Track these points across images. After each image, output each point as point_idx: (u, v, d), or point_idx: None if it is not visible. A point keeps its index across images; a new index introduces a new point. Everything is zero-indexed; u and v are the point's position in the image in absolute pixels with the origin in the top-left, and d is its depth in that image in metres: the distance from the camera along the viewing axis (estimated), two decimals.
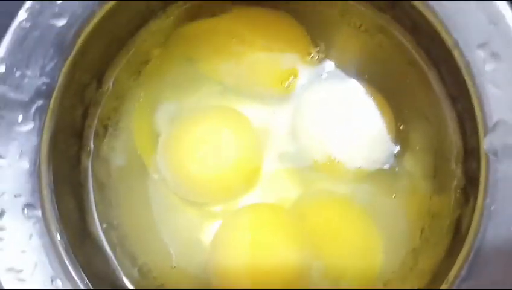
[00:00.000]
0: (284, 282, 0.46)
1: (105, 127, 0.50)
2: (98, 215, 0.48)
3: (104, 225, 0.48)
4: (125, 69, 0.50)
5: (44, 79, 0.40)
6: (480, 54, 0.38)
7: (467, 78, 0.38)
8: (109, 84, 0.50)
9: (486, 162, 0.38)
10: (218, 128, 0.49)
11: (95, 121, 0.49)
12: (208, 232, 0.49)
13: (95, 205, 0.48)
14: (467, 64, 0.38)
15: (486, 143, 0.37)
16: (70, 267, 0.39)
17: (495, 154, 0.38)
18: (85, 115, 0.49)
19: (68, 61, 0.40)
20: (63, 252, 0.39)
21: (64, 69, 0.40)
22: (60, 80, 0.40)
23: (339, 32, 0.51)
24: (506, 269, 0.37)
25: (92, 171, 0.49)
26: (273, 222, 0.49)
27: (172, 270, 0.48)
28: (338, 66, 0.50)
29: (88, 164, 0.49)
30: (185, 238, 0.50)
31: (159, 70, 0.51)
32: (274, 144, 0.50)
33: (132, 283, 0.48)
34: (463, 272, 0.38)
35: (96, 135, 0.49)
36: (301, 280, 0.47)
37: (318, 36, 0.50)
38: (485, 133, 0.38)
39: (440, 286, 0.40)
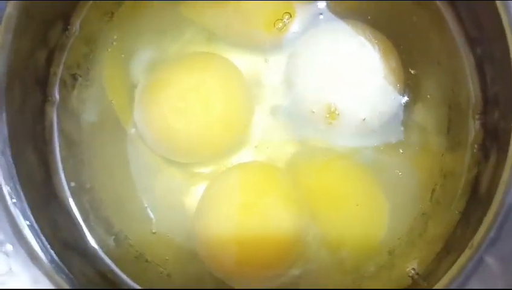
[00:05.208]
0: (278, 251, 0.43)
1: (74, 77, 0.47)
2: (65, 175, 0.45)
3: (72, 184, 0.45)
4: (95, 9, 0.47)
5: None
6: None
7: None
8: (77, 25, 0.47)
9: None
10: (203, 77, 0.46)
11: (61, 68, 0.46)
12: (192, 195, 0.47)
13: (62, 164, 0.45)
14: None
15: None
16: (24, 230, 0.36)
17: None
18: (49, 60, 0.45)
19: None
20: (15, 213, 0.36)
21: None
22: (9, 9, 0.36)
23: None
24: None
25: (59, 125, 0.46)
26: (266, 183, 0.46)
27: (152, 236, 0.46)
28: (337, 5, 0.47)
29: (53, 116, 0.46)
30: (166, 202, 0.47)
31: (135, 11, 0.48)
32: (266, 96, 0.48)
33: (106, 252, 0.45)
34: (490, 237, 0.35)
35: (64, 84, 0.46)
36: (297, 248, 0.44)
37: None
38: None
39: (457, 252, 0.37)
